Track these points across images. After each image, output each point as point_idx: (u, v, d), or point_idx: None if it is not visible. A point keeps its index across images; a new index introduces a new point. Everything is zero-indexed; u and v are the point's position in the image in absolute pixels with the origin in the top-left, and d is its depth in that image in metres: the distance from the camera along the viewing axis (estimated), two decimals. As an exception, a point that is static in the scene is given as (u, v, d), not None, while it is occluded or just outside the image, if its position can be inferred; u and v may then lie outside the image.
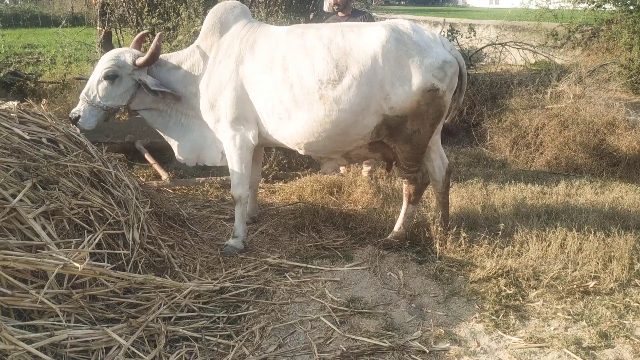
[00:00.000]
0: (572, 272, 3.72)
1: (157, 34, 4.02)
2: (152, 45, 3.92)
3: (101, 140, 5.73)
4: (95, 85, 3.99)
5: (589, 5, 12.77)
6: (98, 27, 10.08)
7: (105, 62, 3.98)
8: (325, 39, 3.80)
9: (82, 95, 4.02)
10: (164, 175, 5.56)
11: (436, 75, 3.70)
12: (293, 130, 3.91)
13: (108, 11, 9.47)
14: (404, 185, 4.16)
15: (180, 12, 7.90)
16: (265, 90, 3.87)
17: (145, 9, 8.69)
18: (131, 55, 4.00)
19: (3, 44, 11.49)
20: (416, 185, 4.09)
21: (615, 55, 11.30)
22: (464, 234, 4.10)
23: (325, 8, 5.72)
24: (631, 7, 11.96)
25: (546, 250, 3.99)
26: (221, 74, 3.97)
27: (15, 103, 4.28)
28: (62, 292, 2.83)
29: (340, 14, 5.63)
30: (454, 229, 4.16)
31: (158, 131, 4.36)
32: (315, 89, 3.74)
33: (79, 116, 3.99)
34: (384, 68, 3.69)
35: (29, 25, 20.30)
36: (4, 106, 3.94)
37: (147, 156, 5.85)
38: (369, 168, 5.79)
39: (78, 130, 4.00)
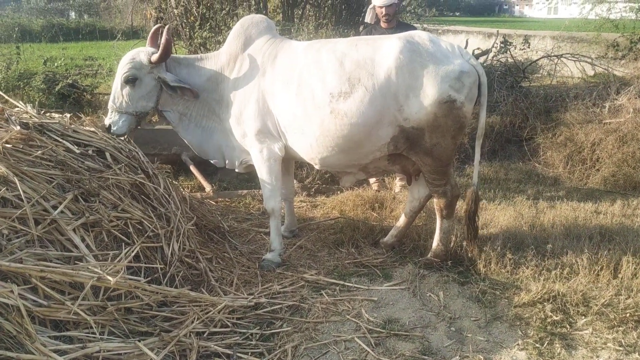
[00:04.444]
0: (626, 299, 3.49)
1: (166, 27, 3.94)
2: (162, 40, 3.89)
3: (148, 152, 5.86)
4: (119, 92, 4.01)
5: (653, 15, 12.22)
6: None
7: (122, 66, 3.99)
8: (339, 53, 3.77)
9: (110, 104, 4.07)
10: (208, 187, 5.62)
11: (453, 86, 3.59)
12: (307, 145, 3.90)
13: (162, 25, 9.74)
14: (435, 200, 4.04)
15: (230, 25, 8.02)
16: (282, 104, 3.88)
17: (197, 23, 8.90)
18: (146, 54, 4.00)
19: (63, 57, 11.99)
20: (446, 198, 3.96)
21: (680, 67, 10.74)
22: (510, 255, 3.94)
23: (367, 19, 5.66)
24: (699, 17, 11.37)
25: (597, 275, 3.77)
26: (245, 87, 4.00)
27: (67, 115, 4.44)
28: (97, 304, 2.87)
29: (384, 24, 5.54)
30: (499, 249, 4.00)
31: (180, 135, 4.35)
32: (325, 102, 3.71)
33: (110, 125, 4.03)
34: (398, 79, 3.61)
35: (89, 38, 21.22)
36: (56, 118, 4.09)
37: (192, 168, 5.93)
38: (403, 183, 5.67)
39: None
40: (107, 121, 4.07)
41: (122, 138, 4.13)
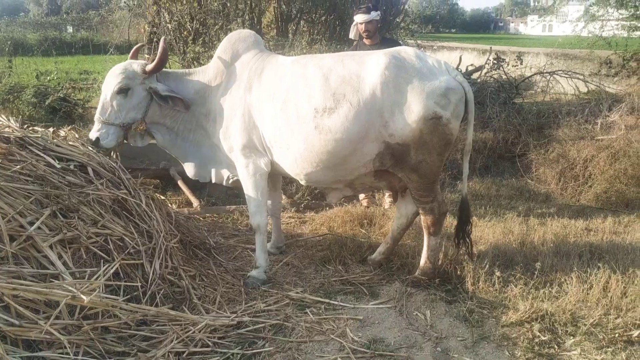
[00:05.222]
0: (615, 318, 3.43)
1: (162, 38, 3.96)
2: (160, 49, 3.88)
3: (136, 167, 5.82)
4: (108, 102, 3.95)
5: (645, 32, 12.30)
6: (146, 55, 10.39)
7: (114, 77, 3.94)
8: (325, 68, 3.75)
9: (97, 116, 4.00)
10: (195, 203, 5.55)
11: (439, 103, 3.55)
12: (292, 160, 3.86)
13: (155, 40, 9.75)
14: (422, 217, 3.97)
15: (223, 40, 8.02)
16: (268, 119, 3.85)
17: (191, 38, 8.91)
18: (138, 64, 3.98)
19: (57, 71, 11.97)
20: (433, 215, 3.91)
21: (673, 84, 10.78)
22: (498, 273, 3.88)
23: (352, 36, 5.66)
24: (690, 35, 11.45)
25: (587, 294, 3.71)
26: (231, 102, 3.97)
27: (50, 130, 4.39)
28: (72, 323, 2.80)
29: (366, 41, 5.54)
30: (487, 267, 3.94)
31: (167, 150, 4.30)
32: (310, 117, 3.68)
33: (98, 137, 3.95)
34: (383, 95, 3.58)
35: (84, 52, 21.26)
36: (39, 133, 4.03)
37: (180, 183, 5.88)
38: (392, 199, 5.63)
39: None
40: (93, 134, 3.99)
41: (109, 152, 4.09)
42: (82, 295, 2.66)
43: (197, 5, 9.01)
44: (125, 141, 4.14)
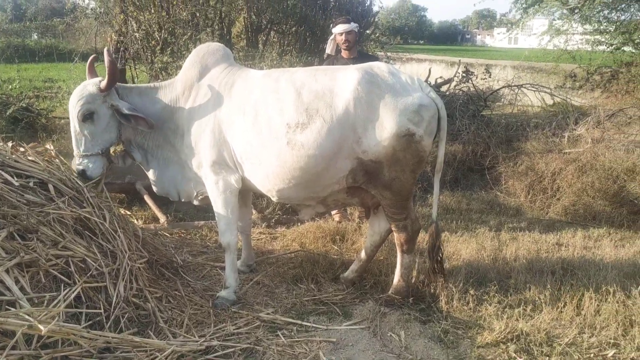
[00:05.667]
0: (589, 337, 3.42)
1: (105, 49, 3.77)
2: (106, 63, 3.69)
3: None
4: (80, 133, 3.80)
5: (608, 47, 12.63)
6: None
7: (73, 106, 3.78)
8: (297, 83, 3.67)
9: (75, 151, 3.85)
10: (162, 218, 5.38)
11: (412, 120, 3.50)
12: (264, 176, 3.76)
13: (122, 49, 9.54)
14: (395, 235, 3.91)
15: (192, 50, 7.87)
16: (239, 134, 3.74)
17: (159, 47, 8.73)
18: (93, 84, 3.80)
19: (19, 79, 11.62)
20: (406, 233, 3.85)
21: (635, 97, 11.06)
22: (472, 291, 3.84)
23: (328, 50, 5.60)
24: (651, 50, 11.79)
25: (561, 312, 3.70)
26: (200, 117, 3.84)
27: (9, 144, 4.19)
28: (29, 353, 2.63)
29: (344, 53, 5.48)
30: (461, 285, 3.90)
31: (143, 168, 4.18)
32: (282, 133, 3.59)
33: (84, 169, 3.82)
34: (356, 111, 3.52)
35: (48, 60, 20.75)
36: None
37: (146, 198, 5.69)
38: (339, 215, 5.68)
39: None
40: (75, 167, 3.85)
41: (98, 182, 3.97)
42: (39, 325, 2.49)
43: (165, 14, 8.85)
44: (111, 164, 4.03)
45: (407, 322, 3.68)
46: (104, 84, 3.75)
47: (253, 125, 3.68)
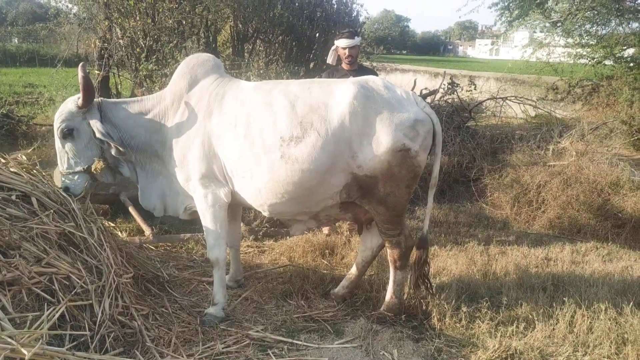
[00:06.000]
0: (583, 355, 3.40)
1: (80, 65, 3.68)
2: (80, 79, 3.64)
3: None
4: (62, 151, 3.78)
5: (589, 61, 12.81)
6: (96, 71, 10.01)
7: (55, 124, 3.75)
8: (291, 95, 3.61)
9: (60, 169, 3.81)
10: (148, 231, 5.26)
11: (407, 135, 3.47)
12: (255, 190, 3.68)
13: (106, 55, 9.39)
14: (388, 251, 3.86)
15: (178, 58, 7.77)
16: (230, 147, 3.66)
17: (144, 55, 8.61)
18: (72, 101, 3.77)
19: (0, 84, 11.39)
20: (400, 249, 3.80)
21: (615, 110, 11.23)
22: (464, 308, 3.79)
23: (329, 61, 5.54)
24: (631, 64, 11.99)
25: (553, 329, 3.67)
26: (189, 129, 3.76)
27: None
28: (11, 377, 2.51)
29: (346, 66, 5.43)
30: (453, 302, 3.86)
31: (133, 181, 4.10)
32: (276, 146, 3.52)
33: (67, 187, 3.78)
34: (351, 125, 3.47)
35: (29, 65, 20.42)
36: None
37: (131, 209, 5.56)
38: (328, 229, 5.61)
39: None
40: (60, 184, 3.81)
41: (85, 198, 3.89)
42: (22, 349, 2.38)
43: (150, 21, 8.73)
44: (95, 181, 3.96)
45: (400, 340, 3.62)
46: (80, 101, 3.69)
47: (245, 138, 3.61)
